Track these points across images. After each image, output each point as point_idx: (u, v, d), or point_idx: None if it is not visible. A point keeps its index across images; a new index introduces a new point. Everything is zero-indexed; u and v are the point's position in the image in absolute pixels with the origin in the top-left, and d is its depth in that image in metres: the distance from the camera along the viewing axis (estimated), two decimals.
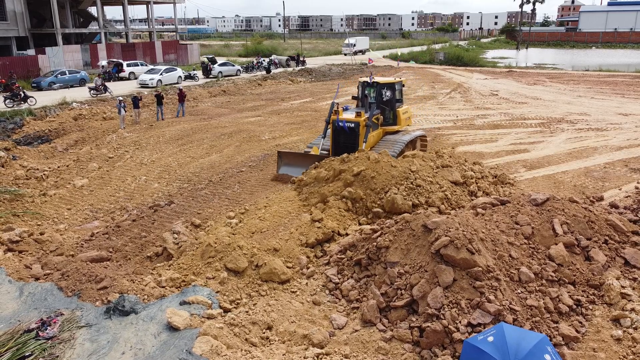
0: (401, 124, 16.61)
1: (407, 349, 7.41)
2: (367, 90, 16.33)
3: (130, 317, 7.84)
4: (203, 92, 34.41)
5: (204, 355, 6.79)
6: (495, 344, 5.51)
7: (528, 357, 5.24)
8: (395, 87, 16.45)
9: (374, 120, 15.43)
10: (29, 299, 8.49)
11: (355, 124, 14.68)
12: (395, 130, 16.35)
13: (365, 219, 11.34)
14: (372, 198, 11.65)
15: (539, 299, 7.97)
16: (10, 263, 9.80)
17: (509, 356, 5.28)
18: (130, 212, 13.30)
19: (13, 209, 13.30)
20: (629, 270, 8.86)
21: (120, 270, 9.71)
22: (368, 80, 16.16)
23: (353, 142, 14.70)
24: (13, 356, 6.35)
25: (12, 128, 23.18)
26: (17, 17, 43.23)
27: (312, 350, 7.32)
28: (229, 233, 10.34)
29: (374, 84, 16.11)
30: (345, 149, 14.24)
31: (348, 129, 14.74)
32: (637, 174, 15.63)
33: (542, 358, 5.16)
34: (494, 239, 8.70)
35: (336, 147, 15.03)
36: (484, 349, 5.48)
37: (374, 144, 15.48)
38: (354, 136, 14.73)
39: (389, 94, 16.29)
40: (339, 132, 14.92)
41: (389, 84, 16.30)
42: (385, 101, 16.23)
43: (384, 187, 11.74)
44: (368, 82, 16.15)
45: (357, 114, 14.86)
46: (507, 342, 5.44)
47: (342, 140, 14.96)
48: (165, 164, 17.59)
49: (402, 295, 8.06)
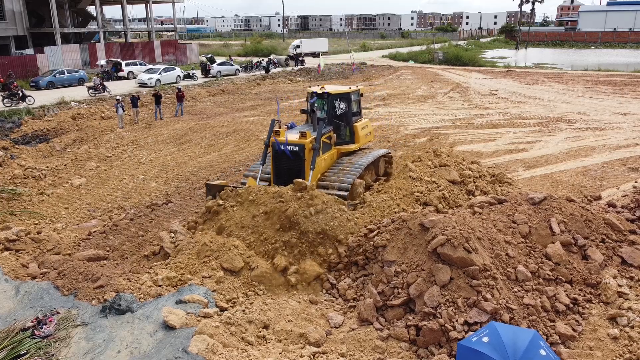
0: (360, 142, 13.96)
1: (404, 347, 7.41)
2: (317, 102, 13.40)
3: (127, 315, 7.83)
4: (202, 91, 34.40)
5: (200, 354, 6.77)
6: (491, 344, 5.43)
7: (526, 355, 5.21)
8: (350, 98, 13.69)
9: (325, 140, 12.69)
10: (25, 297, 8.47)
11: (299, 147, 11.88)
12: (352, 150, 13.73)
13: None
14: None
15: (535, 298, 7.96)
16: (7, 262, 9.77)
17: (507, 355, 5.23)
18: (128, 211, 13.29)
19: (10, 208, 13.29)
20: (626, 269, 8.86)
21: (117, 269, 9.68)
22: (317, 91, 13.31)
23: (298, 168, 11.97)
24: (8, 355, 6.34)
25: (11, 127, 23.17)
26: (15, 17, 43.18)
27: (309, 349, 7.31)
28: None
29: (324, 95, 13.28)
30: (289, 178, 11.61)
31: (291, 153, 11.95)
32: (635, 173, 15.64)
33: (538, 354, 5.16)
34: (491, 237, 8.69)
35: (278, 176, 12.24)
36: (482, 350, 5.39)
37: (326, 168, 12.86)
38: (299, 162, 11.96)
39: (343, 107, 13.58)
40: (280, 157, 12.13)
41: (342, 95, 13.57)
42: (340, 115, 13.57)
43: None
44: (317, 92, 13.30)
45: (302, 135, 12.02)
46: (504, 341, 5.38)
47: (285, 167, 12.15)
48: (163, 163, 17.58)
49: (399, 294, 8.05)
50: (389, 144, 19.97)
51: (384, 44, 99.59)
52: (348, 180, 12.15)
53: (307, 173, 11.85)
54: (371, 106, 29.27)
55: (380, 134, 21.78)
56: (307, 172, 11.87)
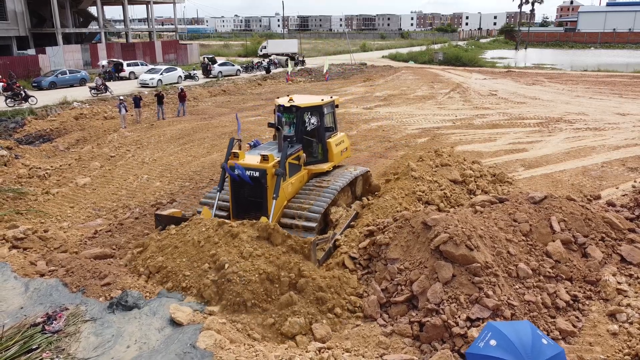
0: (334, 160, 12.29)
1: (407, 343, 7.55)
2: (284, 117, 11.54)
3: (134, 312, 7.96)
4: (203, 91, 34.55)
5: (208, 349, 6.91)
6: (501, 347, 5.25)
7: (534, 349, 5.16)
8: (323, 111, 11.94)
9: (293, 161, 10.99)
10: (34, 294, 8.60)
11: (259, 172, 10.09)
12: (325, 171, 12.08)
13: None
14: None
15: (536, 295, 8.11)
16: (16, 260, 9.90)
17: (520, 354, 5.10)
18: (133, 210, 13.42)
19: (16, 207, 13.42)
20: (625, 266, 9.02)
21: (123, 267, 9.83)
22: (284, 104, 11.55)
23: (260, 197, 10.26)
24: (21, 349, 6.48)
25: (14, 127, 23.29)
26: (17, 17, 43.34)
27: (314, 345, 7.46)
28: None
29: (292, 109, 11.48)
30: (249, 208, 10.23)
31: (251, 180, 10.12)
32: (634, 173, 15.79)
33: (542, 344, 5.22)
34: (492, 235, 8.84)
35: (238, 206, 10.55)
36: (495, 355, 5.19)
37: (294, 193, 11.15)
38: (260, 189, 10.17)
39: (314, 121, 11.81)
40: (239, 183, 10.29)
41: (313, 108, 11.74)
42: (311, 131, 11.86)
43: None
44: (284, 105, 11.52)
45: (263, 158, 10.23)
46: (511, 340, 5.25)
47: (246, 195, 10.39)
48: (167, 162, 17.72)
49: (402, 291, 8.20)
50: (390, 143, 20.13)
51: (383, 44, 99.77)
52: (317, 209, 10.40)
53: (269, 203, 10.13)
54: (372, 106, 29.44)
55: (382, 133, 21.95)
56: (269, 202, 10.13)
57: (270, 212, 9.96)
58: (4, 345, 6.47)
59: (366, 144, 20.16)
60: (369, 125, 23.74)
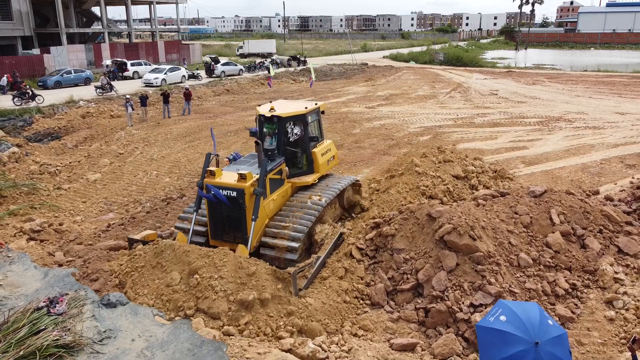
0: (320, 171, 11.42)
1: (413, 328, 7.92)
2: (265, 127, 10.85)
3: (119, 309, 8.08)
4: (207, 91, 34.92)
5: (216, 340, 7.20)
6: (510, 322, 5.50)
7: (541, 327, 5.44)
8: (307, 120, 11.02)
9: (274, 176, 10.18)
10: (53, 282, 8.93)
11: (237, 192, 9.26)
12: (310, 183, 11.12)
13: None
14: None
15: (536, 283, 8.48)
16: (34, 251, 10.28)
17: (528, 330, 5.37)
18: (144, 204, 13.78)
19: (30, 201, 13.78)
20: (622, 257, 9.38)
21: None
22: (265, 114, 10.56)
23: (238, 218, 9.44)
24: (30, 330, 6.84)
25: (22, 125, 23.66)
26: (22, 17, 43.72)
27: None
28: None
29: (273, 119, 10.51)
30: (227, 229, 9.63)
31: (228, 200, 9.30)
32: (632, 170, 16.15)
33: (548, 324, 5.52)
34: (494, 227, 9.21)
35: (215, 228, 9.77)
36: (504, 329, 5.42)
37: (277, 210, 10.35)
38: (238, 210, 9.35)
39: (298, 131, 10.94)
40: (216, 204, 9.45)
41: (296, 117, 10.81)
42: (294, 142, 11.02)
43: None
44: (265, 116, 10.57)
45: (240, 177, 9.38)
46: (520, 317, 5.51)
47: (224, 216, 9.59)
48: (175, 159, 18.08)
49: (408, 279, 8.56)
50: (393, 141, 20.48)
51: (384, 44, 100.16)
52: (301, 228, 9.68)
53: (248, 223, 9.35)
54: (375, 105, 29.80)
55: (385, 132, 22.31)
56: (248, 223, 9.35)
57: (249, 234, 9.29)
58: (13, 327, 6.84)
59: (370, 142, 20.52)
60: (372, 124, 24.10)
